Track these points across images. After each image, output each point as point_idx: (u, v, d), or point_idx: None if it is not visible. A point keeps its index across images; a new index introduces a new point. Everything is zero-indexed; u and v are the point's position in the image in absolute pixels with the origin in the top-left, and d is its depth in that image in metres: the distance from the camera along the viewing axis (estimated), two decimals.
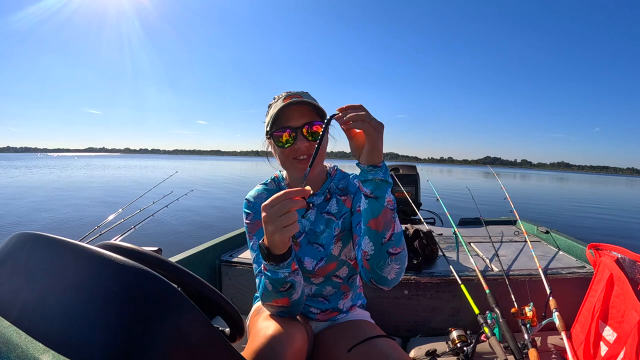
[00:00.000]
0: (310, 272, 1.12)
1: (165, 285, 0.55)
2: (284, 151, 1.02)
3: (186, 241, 5.99)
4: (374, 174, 0.83)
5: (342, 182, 1.17)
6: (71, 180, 20.13)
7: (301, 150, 1.00)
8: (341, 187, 1.16)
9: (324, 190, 1.13)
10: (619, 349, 1.24)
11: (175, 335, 0.54)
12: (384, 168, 0.84)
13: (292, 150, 1.01)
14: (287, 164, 1.05)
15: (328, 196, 1.15)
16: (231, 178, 26.19)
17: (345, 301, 1.22)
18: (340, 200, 1.14)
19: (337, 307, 1.20)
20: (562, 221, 10.49)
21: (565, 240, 2.23)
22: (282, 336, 0.91)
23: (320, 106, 1.01)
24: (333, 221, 1.13)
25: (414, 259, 1.85)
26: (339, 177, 1.18)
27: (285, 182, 1.15)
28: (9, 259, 0.61)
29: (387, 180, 0.84)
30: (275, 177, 1.19)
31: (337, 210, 1.14)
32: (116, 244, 0.76)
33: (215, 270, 1.95)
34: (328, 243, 1.12)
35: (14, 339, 0.47)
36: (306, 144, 1.00)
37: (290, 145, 1.00)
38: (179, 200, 2.90)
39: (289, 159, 1.03)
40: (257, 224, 1.10)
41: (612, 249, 1.52)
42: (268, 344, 0.89)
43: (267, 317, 1.03)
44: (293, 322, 1.00)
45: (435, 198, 2.79)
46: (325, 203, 1.14)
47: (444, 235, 2.66)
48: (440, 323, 1.74)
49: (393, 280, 0.93)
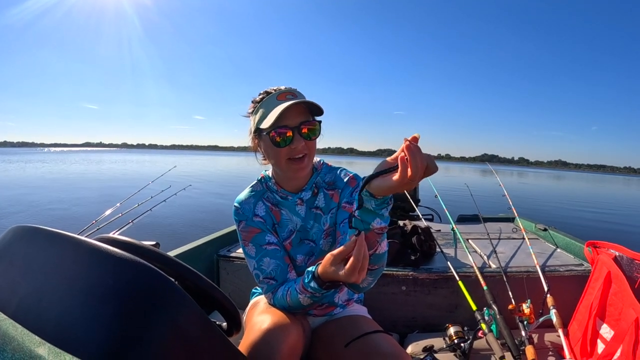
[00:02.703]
0: (302, 269, 1.11)
1: (163, 279, 0.55)
2: (280, 151, 1.00)
3: (184, 236, 5.99)
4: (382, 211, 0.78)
5: (328, 176, 1.15)
6: (68, 175, 20.09)
7: (297, 149, 0.99)
8: (328, 180, 1.15)
9: (310, 185, 1.11)
10: (616, 347, 1.25)
11: (173, 328, 0.53)
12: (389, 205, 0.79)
13: (288, 149, 0.99)
14: (281, 164, 1.02)
15: (315, 191, 1.13)
16: (229, 173, 26.17)
17: (341, 294, 1.22)
18: (328, 195, 1.13)
19: (333, 301, 1.20)
20: (560, 219, 10.52)
21: (563, 237, 2.23)
22: (277, 330, 0.92)
23: (317, 104, 0.98)
24: (321, 216, 1.12)
25: (412, 255, 1.85)
26: (325, 171, 1.16)
27: (272, 182, 1.12)
28: (6, 252, 0.60)
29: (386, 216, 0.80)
30: (262, 178, 1.15)
31: (324, 205, 1.13)
32: (114, 238, 0.75)
33: (213, 264, 1.95)
34: (318, 238, 1.12)
35: (10, 332, 0.46)
36: (303, 143, 0.99)
37: (287, 145, 0.99)
38: (177, 195, 2.89)
39: (284, 159, 1.01)
40: (252, 230, 1.08)
41: (610, 247, 1.52)
42: (263, 338, 0.90)
43: (263, 311, 1.03)
44: (289, 316, 1.00)
45: (434, 194, 2.79)
46: (313, 198, 1.13)
47: (442, 231, 2.66)
48: (437, 319, 1.74)
49: (363, 288, 0.98)
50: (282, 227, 1.12)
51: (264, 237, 1.07)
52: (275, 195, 1.12)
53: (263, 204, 1.11)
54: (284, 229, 1.11)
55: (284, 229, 1.12)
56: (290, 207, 1.12)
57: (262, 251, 1.06)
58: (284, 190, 1.11)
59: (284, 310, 1.02)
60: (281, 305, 1.02)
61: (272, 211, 1.12)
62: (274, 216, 1.12)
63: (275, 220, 1.12)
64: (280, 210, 1.12)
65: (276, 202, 1.12)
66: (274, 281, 1.05)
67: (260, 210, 1.10)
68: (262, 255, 1.06)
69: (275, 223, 1.12)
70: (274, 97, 1.00)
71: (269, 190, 1.13)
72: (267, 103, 1.00)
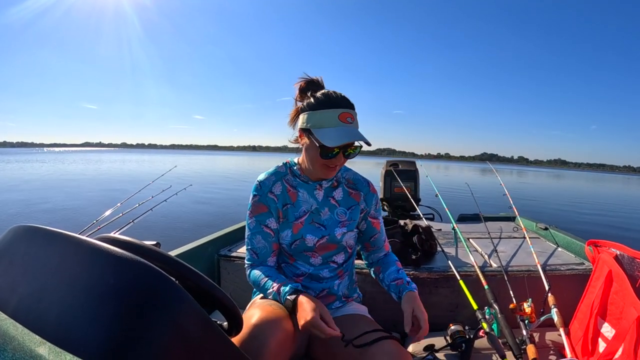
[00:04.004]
0: (311, 249, 1.18)
1: (163, 278, 0.55)
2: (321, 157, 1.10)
3: (185, 235, 5.99)
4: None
5: (347, 174, 1.27)
6: (68, 175, 20.08)
7: (335, 165, 1.12)
8: (348, 178, 1.27)
9: (332, 178, 1.22)
10: (617, 346, 1.25)
11: (173, 328, 0.53)
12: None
13: (329, 160, 1.10)
14: (316, 165, 1.14)
15: (335, 184, 1.23)
16: (230, 172, 26.16)
17: (341, 283, 1.24)
18: (347, 192, 1.25)
19: (332, 290, 1.21)
20: (560, 218, 10.52)
21: (564, 236, 2.23)
22: (265, 325, 0.93)
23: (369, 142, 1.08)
24: (336, 207, 1.22)
25: (413, 254, 1.85)
26: (344, 169, 1.26)
27: (297, 168, 1.21)
28: (6, 252, 0.60)
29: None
30: (287, 163, 1.24)
31: (341, 198, 1.23)
32: (114, 237, 0.75)
33: (214, 264, 1.95)
34: (330, 225, 1.19)
35: (11, 332, 0.46)
36: (342, 161, 1.12)
37: (329, 159, 1.10)
38: (177, 195, 2.88)
39: (321, 163, 1.12)
40: (260, 207, 1.18)
41: (611, 246, 1.52)
42: (250, 333, 0.91)
43: (256, 306, 1.06)
44: (282, 311, 1.01)
45: (435, 194, 2.79)
46: (331, 189, 1.23)
47: (442, 230, 2.66)
48: (438, 318, 1.74)
49: None
50: (297, 207, 1.20)
51: (266, 218, 1.18)
52: (296, 179, 1.21)
53: (282, 184, 1.21)
54: (297, 209, 1.20)
55: (297, 208, 1.20)
56: (309, 190, 1.20)
57: (259, 229, 1.17)
58: (306, 176, 1.20)
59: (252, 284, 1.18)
60: (252, 281, 1.17)
61: (289, 192, 1.20)
62: (290, 197, 1.19)
63: (290, 201, 1.19)
64: (298, 191, 1.20)
65: (295, 184, 1.21)
66: (256, 256, 1.18)
67: (277, 189, 1.20)
68: (257, 232, 1.18)
69: (290, 203, 1.19)
70: (336, 115, 1.07)
71: (292, 174, 1.22)
72: (328, 116, 1.07)
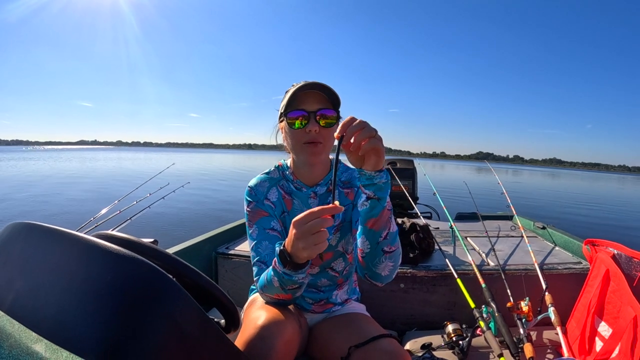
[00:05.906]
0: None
1: (161, 276, 0.55)
2: (295, 133, 1.03)
3: (182, 233, 5.98)
4: (379, 178, 0.85)
5: (344, 175, 1.18)
6: (64, 172, 20.01)
7: (311, 133, 1.02)
8: (344, 179, 1.18)
9: (326, 181, 1.14)
10: (614, 345, 1.25)
11: (171, 325, 0.53)
12: (385, 171, 0.87)
13: (303, 132, 1.02)
14: (297, 147, 1.06)
15: (331, 187, 1.14)
16: (226, 170, 26.14)
17: (340, 293, 1.22)
18: (343, 193, 1.16)
19: (331, 299, 1.20)
20: (558, 217, 10.56)
21: (561, 236, 2.24)
22: (272, 326, 0.92)
23: (335, 92, 1.02)
24: None
25: (411, 253, 1.85)
26: (342, 170, 1.19)
27: (289, 171, 1.15)
28: (3, 249, 0.60)
29: (389, 181, 0.87)
30: (279, 166, 1.18)
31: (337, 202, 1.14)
32: (112, 234, 0.75)
33: (211, 262, 1.95)
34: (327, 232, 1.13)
35: (7, 329, 0.46)
36: (316, 128, 1.01)
37: (301, 127, 1.02)
38: (175, 192, 2.87)
39: (300, 142, 1.04)
40: (259, 212, 1.10)
41: (609, 245, 1.52)
42: (258, 334, 0.90)
43: (260, 307, 1.03)
44: (285, 312, 1.00)
45: (432, 192, 2.80)
46: (327, 194, 1.14)
47: (440, 229, 2.67)
48: (436, 317, 1.75)
49: (387, 277, 0.97)
50: (293, 215, 1.11)
51: (269, 221, 1.09)
52: (290, 185, 1.14)
53: (277, 190, 1.14)
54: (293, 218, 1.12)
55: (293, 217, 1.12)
56: (303, 199, 1.14)
57: (264, 234, 1.07)
58: (300, 182, 1.13)
59: (261, 289, 1.02)
60: (260, 285, 1.02)
61: (285, 199, 1.14)
62: (286, 204, 1.14)
63: (287, 209, 1.14)
64: (293, 199, 1.14)
65: (290, 191, 1.15)
66: (265, 265, 1.05)
67: (273, 195, 1.13)
68: (262, 239, 1.07)
69: (286, 211, 1.13)
70: (298, 86, 1.02)
71: (285, 179, 1.15)
72: (291, 92, 1.03)
